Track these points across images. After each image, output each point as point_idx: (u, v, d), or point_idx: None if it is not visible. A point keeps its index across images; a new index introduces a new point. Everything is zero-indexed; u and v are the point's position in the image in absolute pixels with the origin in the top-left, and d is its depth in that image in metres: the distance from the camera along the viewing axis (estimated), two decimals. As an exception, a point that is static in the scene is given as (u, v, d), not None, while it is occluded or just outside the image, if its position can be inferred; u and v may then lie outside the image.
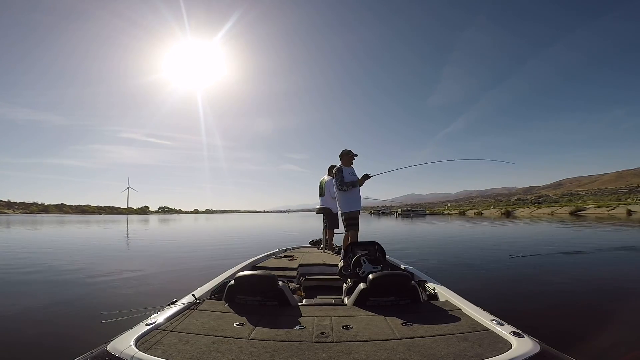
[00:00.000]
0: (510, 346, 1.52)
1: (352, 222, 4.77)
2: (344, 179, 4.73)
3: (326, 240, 5.97)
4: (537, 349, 1.47)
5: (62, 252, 11.63)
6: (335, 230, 5.96)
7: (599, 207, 56.74)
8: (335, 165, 6.12)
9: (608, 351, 3.12)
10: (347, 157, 4.95)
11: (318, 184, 6.39)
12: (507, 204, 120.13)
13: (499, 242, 13.80)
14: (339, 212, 5.05)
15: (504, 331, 1.67)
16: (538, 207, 71.61)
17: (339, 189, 4.75)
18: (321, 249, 5.98)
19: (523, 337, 1.59)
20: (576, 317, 4.16)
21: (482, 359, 1.42)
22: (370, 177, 4.85)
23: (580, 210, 55.05)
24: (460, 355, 1.46)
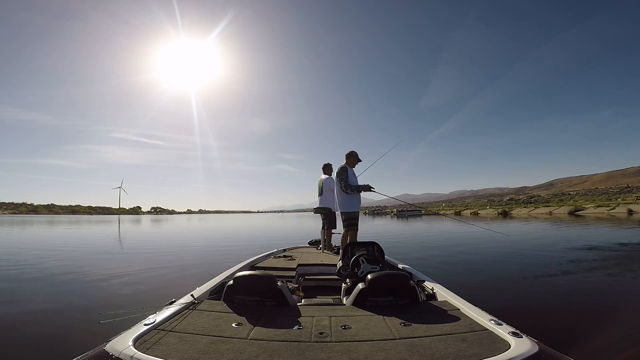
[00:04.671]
0: (509, 346, 1.53)
1: (352, 222, 4.77)
2: (348, 180, 4.69)
3: (325, 241, 5.95)
4: (536, 349, 1.48)
5: (57, 252, 11.40)
6: (333, 230, 5.95)
7: (598, 206, 55.82)
8: (330, 164, 6.14)
9: (605, 350, 3.17)
10: (353, 158, 4.91)
11: (313, 184, 6.38)
12: (499, 204, 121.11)
13: (499, 242, 13.90)
14: (338, 212, 5.04)
15: (503, 331, 1.68)
16: (535, 207, 70.75)
17: (342, 190, 4.70)
18: (320, 249, 5.96)
19: (521, 337, 1.60)
20: (574, 317, 4.19)
21: (481, 359, 1.43)
22: (372, 190, 4.86)
23: (579, 210, 53.78)
24: (458, 355, 1.47)
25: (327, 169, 6.14)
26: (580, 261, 8.37)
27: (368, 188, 4.81)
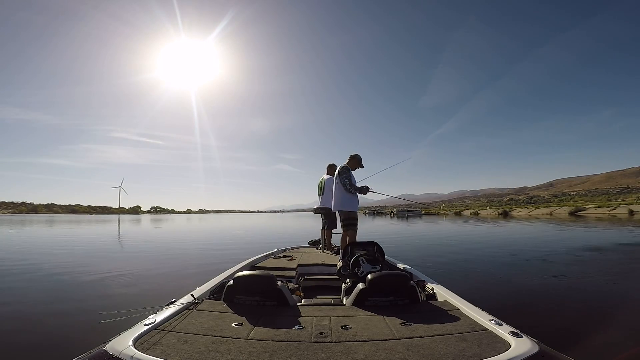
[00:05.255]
0: (509, 346, 1.53)
1: (351, 222, 4.77)
2: (352, 179, 4.72)
3: (325, 241, 5.95)
4: (536, 349, 1.48)
5: (57, 252, 11.40)
6: (333, 230, 5.94)
7: (599, 207, 55.25)
8: (334, 165, 6.13)
9: (605, 350, 3.17)
10: (355, 161, 4.93)
11: (313, 184, 6.36)
12: (499, 204, 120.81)
13: (499, 242, 13.90)
14: (337, 212, 5.03)
15: (503, 331, 1.68)
16: (536, 208, 70.28)
17: (346, 188, 4.71)
18: (320, 249, 5.96)
19: (522, 337, 1.60)
20: (575, 317, 4.19)
21: (481, 359, 1.43)
22: (370, 191, 4.88)
23: (579, 211, 53.42)
24: (459, 355, 1.47)
25: (331, 169, 6.10)
26: (580, 261, 8.38)
27: (367, 189, 4.84)
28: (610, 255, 9.37)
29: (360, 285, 2.38)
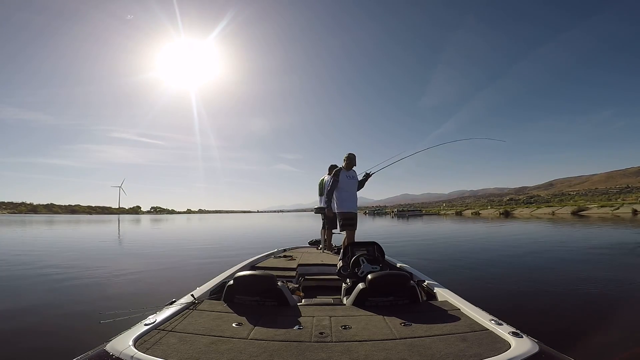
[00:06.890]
0: (509, 346, 1.52)
1: (347, 223, 4.76)
2: (333, 187, 4.83)
3: (325, 241, 5.95)
4: (536, 349, 1.47)
5: (56, 252, 11.41)
6: (334, 231, 5.95)
7: (601, 206, 54.32)
8: (336, 165, 6.15)
9: (606, 350, 3.17)
10: (348, 161, 4.99)
11: (313, 184, 6.37)
12: (499, 204, 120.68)
13: (499, 242, 13.90)
14: (336, 212, 5.04)
15: (503, 331, 1.68)
16: (537, 207, 69.81)
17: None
18: (320, 249, 5.95)
19: (522, 337, 1.60)
20: (575, 317, 4.18)
21: (481, 359, 1.42)
22: (371, 175, 4.90)
23: (582, 210, 52.91)
24: (459, 355, 1.47)
25: (332, 170, 6.14)
26: (581, 261, 8.38)
27: (367, 176, 4.90)
28: (612, 255, 9.35)
29: (360, 285, 2.37)
